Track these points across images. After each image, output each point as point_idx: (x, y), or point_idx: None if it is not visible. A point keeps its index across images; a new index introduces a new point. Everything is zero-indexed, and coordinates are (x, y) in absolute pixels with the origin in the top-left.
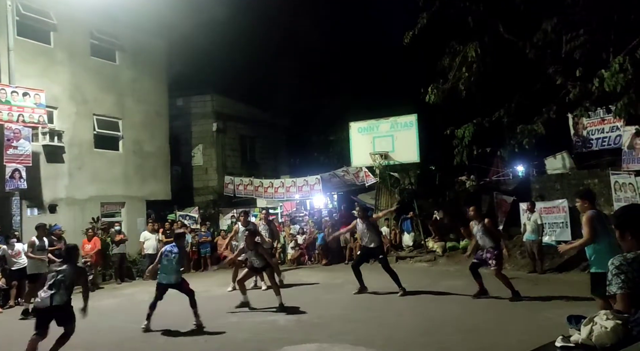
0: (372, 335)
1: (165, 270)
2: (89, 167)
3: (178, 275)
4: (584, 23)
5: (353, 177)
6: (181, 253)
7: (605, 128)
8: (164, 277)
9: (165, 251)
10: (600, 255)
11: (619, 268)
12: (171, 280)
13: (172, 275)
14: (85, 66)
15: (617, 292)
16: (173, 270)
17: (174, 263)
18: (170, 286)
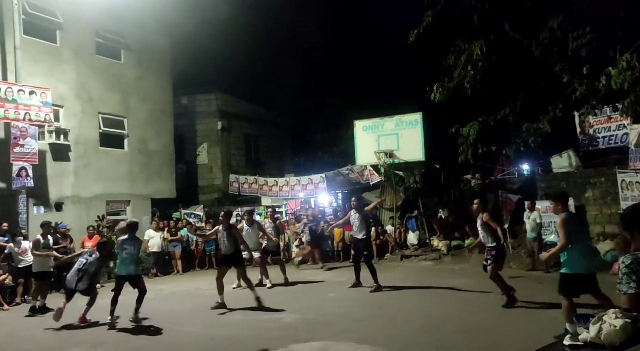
0: (375, 333)
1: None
2: (95, 165)
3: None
4: (590, 20)
5: (358, 175)
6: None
7: (612, 126)
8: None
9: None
10: (572, 257)
11: (629, 267)
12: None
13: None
14: (90, 65)
15: (627, 291)
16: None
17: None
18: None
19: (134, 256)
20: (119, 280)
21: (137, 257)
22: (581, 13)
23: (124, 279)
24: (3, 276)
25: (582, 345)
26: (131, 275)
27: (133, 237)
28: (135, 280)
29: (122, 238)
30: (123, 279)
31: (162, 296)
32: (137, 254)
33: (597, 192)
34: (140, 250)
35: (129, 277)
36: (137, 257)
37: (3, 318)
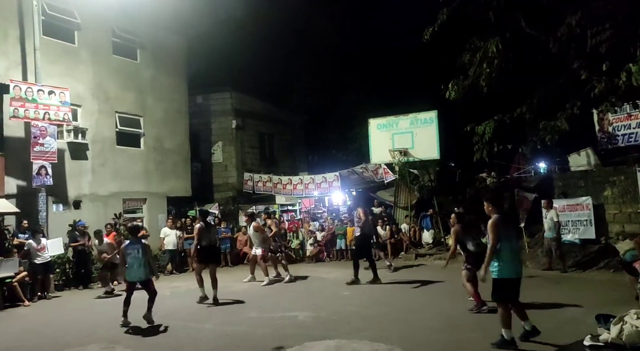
0: (390, 331)
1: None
2: (112, 164)
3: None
4: (610, 17)
5: (372, 173)
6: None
7: (632, 124)
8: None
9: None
10: (502, 260)
11: None
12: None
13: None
14: (107, 64)
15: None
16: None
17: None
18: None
19: (139, 260)
20: (129, 285)
21: (143, 260)
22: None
23: (133, 284)
24: (24, 273)
25: (602, 346)
26: (141, 280)
27: (136, 241)
28: (145, 284)
29: (125, 244)
30: (132, 284)
31: (179, 294)
32: (142, 257)
33: (617, 190)
34: (146, 252)
35: (141, 282)
36: (144, 260)
37: (24, 313)
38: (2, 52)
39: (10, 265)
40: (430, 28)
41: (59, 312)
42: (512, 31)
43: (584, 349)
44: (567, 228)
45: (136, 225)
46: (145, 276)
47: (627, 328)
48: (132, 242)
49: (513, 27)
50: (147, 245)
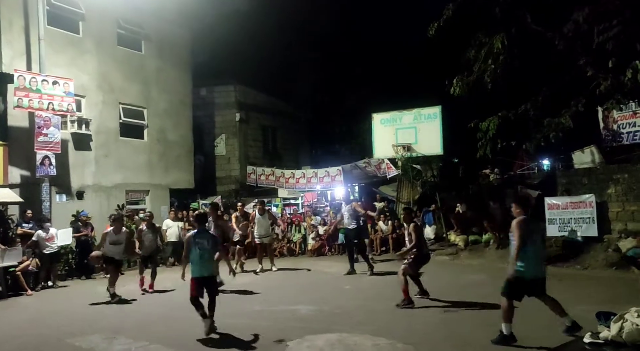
0: (392, 326)
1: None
2: (115, 155)
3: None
4: (617, 13)
5: (375, 168)
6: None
7: (637, 121)
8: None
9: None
10: (525, 261)
11: None
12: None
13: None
14: (112, 55)
15: None
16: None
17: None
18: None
19: (208, 252)
20: (196, 283)
21: (212, 253)
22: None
23: (201, 281)
24: (27, 262)
25: (602, 343)
26: (210, 276)
27: (204, 229)
28: (210, 282)
29: (192, 233)
30: (200, 281)
31: (181, 286)
32: (212, 250)
33: (620, 188)
34: (215, 244)
35: (208, 279)
36: (213, 253)
37: (27, 302)
38: (7, 42)
39: (14, 255)
40: (436, 23)
41: (63, 302)
42: (517, 27)
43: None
44: (569, 225)
45: (204, 213)
46: (213, 272)
47: (628, 326)
48: (201, 231)
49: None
50: (216, 236)
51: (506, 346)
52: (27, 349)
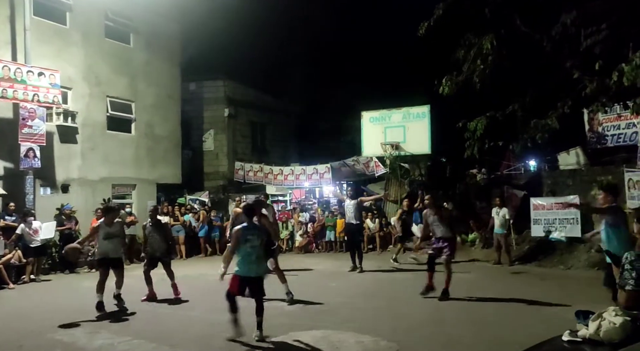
0: (377, 323)
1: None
2: (101, 148)
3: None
4: (604, 17)
5: (363, 166)
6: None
7: (621, 124)
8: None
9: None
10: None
11: (632, 263)
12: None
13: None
14: (99, 48)
15: (625, 287)
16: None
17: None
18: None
19: (257, 250)
20: (239, 282)
21: (262, 250)
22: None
23: (246, 281)
24: (8, 256)
25: (580, 341)
26: (259, 277)
27: (254, 224)
28: (258, 284)
29: (240, 227)
30: (245, 281)
31: (166, 281)
32: (261, 247)
33: None
34: (263, 241)
35: (255, 280)
36: (263, 250)
37: (9, 296)
38: None
39: None
40: (426, 23)
41: (45, 296)
42: (507, 28)
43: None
44: (554, 226)
45: (254, 203)
46: (262, 272)
47: (605, 325)
48: (251, 226)
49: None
50: (268, 233)
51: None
52: (9, 342)
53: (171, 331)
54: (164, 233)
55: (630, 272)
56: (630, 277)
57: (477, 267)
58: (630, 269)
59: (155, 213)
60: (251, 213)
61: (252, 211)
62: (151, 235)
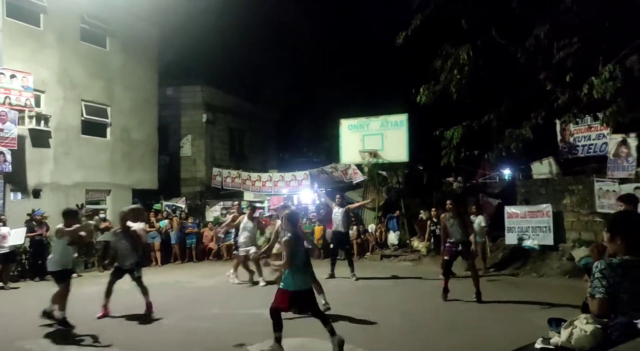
0: (355, 331)
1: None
2: (76, 153)
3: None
4: (576, 30)
5: (341, 173)
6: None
7: (591, 135)
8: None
9: None
10: None
11: (602, 272)
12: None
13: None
14: (74, 50)
15: (596, 296)
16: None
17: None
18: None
19: (306, 261)
20: (291, 298)
21: (309, 265)
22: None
23: (297, 296)
24: None
25: (553, 349)
26: (310, 289)
27: (299, 234)
28: (310, 296)
29: (292, 237)
30: (296, 296)
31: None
32: (309, 262)
33: (575, 199)
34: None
35: (306, 293)
36: (309, 265)
37: None
38: None
39: None
40: (404, 32)
41: (13, 304)
42: (483, 40)
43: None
44: (527, 233)
45: (296, 213)
46: (310, 284)
47: (577, 332)
48: (298, 237)
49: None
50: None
51: None
52: None
53: (145, 339)
54: (135, 241)
55: (601, 280)
56: (600, 285)
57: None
58: (600, 277)
59: (126, 219)
60: (295, 221)
61: (297, 218)
62: (121, 243)
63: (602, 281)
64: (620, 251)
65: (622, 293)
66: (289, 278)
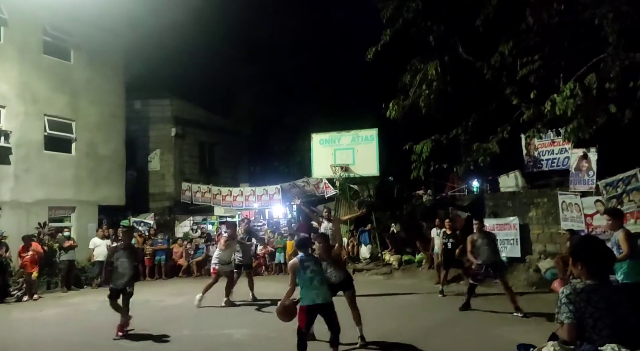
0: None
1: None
2: (38, 169)
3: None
4: (538, 48)
5: (313, 187)
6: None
7: (555, 149)
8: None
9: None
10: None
11: (568, 297)
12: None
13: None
14: (36, 64)
15: (564, 321)
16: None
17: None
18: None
19: (320, 273)
20: (307, 313)
21: (324, 278)
22: (530, 41)
23: (314, 310)
24: None
25: None
26: (327, 303)
27: (311, 255)
28: (329, 310)
29: (300, 258)
30: (313, 310)
31: (107, 308)
32: (323, 276)
33: (540, 211)
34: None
35: (325, 306)
36: (324, 278)
37: None
38: None
39: None
40: (374, 48)
41: None
42: (450, 55)
43: None
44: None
45: (308, 238)
46: (328, 298)
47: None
48: (307, 257)
49: (452, 51)
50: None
51: None
52: None
53: None
54: (135, 259)
55: (568, 306)
56: (568, 310)
57: (422, 288)
58: (567, 303)
59: (130, 236)
60: (306, 245)
61: (307, 243)
62: (121, 262)
63: (569, 307)
64: (583, 275)
65: (587, 317)
66: (302, 294)
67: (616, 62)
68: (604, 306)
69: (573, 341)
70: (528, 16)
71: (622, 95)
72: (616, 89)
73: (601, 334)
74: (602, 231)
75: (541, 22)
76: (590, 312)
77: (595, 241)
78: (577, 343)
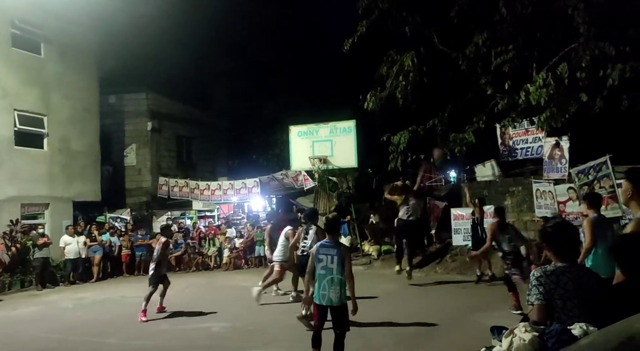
0: (307, 341)
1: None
2: (8, 166)
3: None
4: (511, 39)
5: (292, 180)
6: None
7: (529, 138)
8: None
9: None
10: (596, 260)
11: (538, 279)
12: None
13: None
14: (5, 57)
15: (534, 302)
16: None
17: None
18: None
19: (333, 272)
20: (318, 312)
21: (341, 275)
22: (503, 31)
23: (324, 310)
24: None
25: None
26: (337, 305)
27: (336, 242)
28: (340, 313)
29: (318, 244)
30: (324, 309)
31: (83, 306)
32: (341, 269)
33: (515, 200)
34: (343, 264)
35: (334, 309)
36: (342, 274)
37: None
38: None
39: None
40: (350, 39)
41: None
42: (426, 47)
43: None
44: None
45: (336, 219)
46: (341, 300)
47: (516, 341)
48: (327, 244)
49: (427, 43)
50: (347, 251)
51: None
52: None
53: None
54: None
55: (538, 287)
56: (537, 292)
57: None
58: (537, 285)
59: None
60: (334, 228)
61: (336, 225)
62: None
63: (538, 288)
64: (553, 258)
65: (556, 299)
66: (315, 290)
67: (587, 52)
68: (573, 288)
69: (543, 321)
70: (502, 7)
71: (593, 85)
72: (587, 78)
73: (570, 314)
74: (574, 218)
75: (514, 12)
76: (559, 294)
77: (564, 225)
78: (547, 323)
